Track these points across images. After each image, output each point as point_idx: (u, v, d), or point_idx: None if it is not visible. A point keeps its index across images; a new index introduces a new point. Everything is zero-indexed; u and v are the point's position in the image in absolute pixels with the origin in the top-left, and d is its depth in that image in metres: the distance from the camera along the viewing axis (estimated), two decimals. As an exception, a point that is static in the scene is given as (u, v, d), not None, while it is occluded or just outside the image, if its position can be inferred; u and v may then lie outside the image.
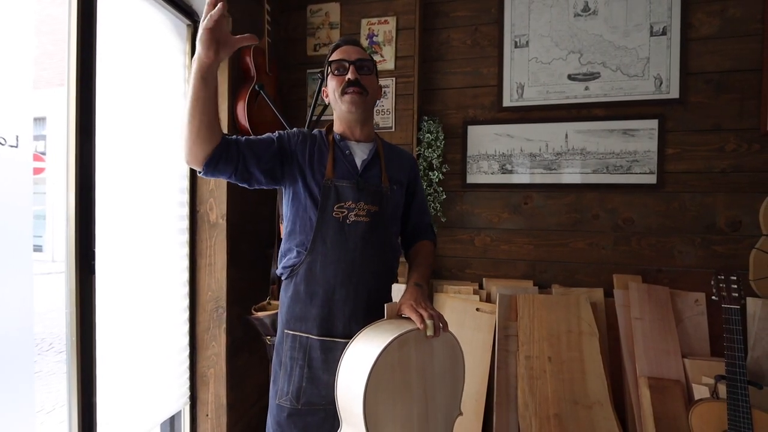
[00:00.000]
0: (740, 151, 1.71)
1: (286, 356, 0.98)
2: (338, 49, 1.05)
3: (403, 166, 1.14)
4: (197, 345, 1.67)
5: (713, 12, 1.74)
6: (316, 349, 0.97)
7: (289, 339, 0.99)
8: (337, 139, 1.06)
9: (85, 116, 1.18)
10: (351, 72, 1.00)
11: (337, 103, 1.03)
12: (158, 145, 1.50)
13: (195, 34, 1.66)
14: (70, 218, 1.15)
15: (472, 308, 1.82)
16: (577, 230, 1.89)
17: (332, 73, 1.03)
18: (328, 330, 0.97)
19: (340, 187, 1.00)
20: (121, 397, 1.32)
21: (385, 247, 1.04)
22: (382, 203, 1.03)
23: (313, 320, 0.98)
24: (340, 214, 0.98)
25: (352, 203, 0.99)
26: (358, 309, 0.99)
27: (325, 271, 0.98)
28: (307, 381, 0.96)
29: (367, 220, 1.00)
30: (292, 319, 1.00)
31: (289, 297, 1.01)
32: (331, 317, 0.98)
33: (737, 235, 1.71)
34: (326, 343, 0.97)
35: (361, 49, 1.06)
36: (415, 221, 1.19)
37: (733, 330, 1.31)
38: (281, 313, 1.04)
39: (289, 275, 1.02)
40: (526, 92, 1.93)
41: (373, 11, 2.02)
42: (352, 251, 0.98)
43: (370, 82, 1.04)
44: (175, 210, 1.59)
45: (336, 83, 1.02)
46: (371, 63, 1.05)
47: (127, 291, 1.36)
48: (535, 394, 1.62)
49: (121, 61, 1.35)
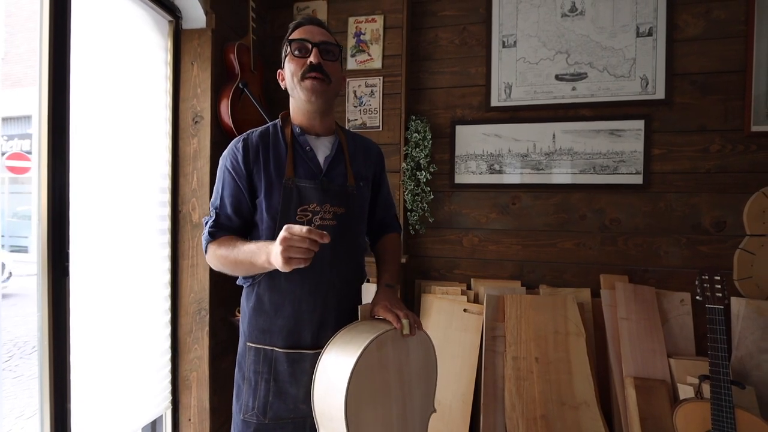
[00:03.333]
0: (725, 151, 1.72)
1: (250, 370, 0.92)
2: (300, 28, 0.93)
3: (369, 159, 1.05)
4: (179, 348, 1.64)
5: (698, 13, 1.74)
6: (282, 362, 0.90)
7: (252, 352, 0.92)
8: (296, 132, 0.95)
9: (58, 114, 1.14)
10: (314, 55, 0.89)
11: (296, 89, 0.92)
12: (138, 143, 1.47)
13: (177, 30, 1.63)
14: (43, 218, 1.11)
15: (460, 309, 1.80)
16: (564, 230, 1.89)
17: (291, 53, 0.91)
18: (294, 342, 0.91)
19: (302, 188, 0.90)
20: (99, 403, 1.28)
21: (353, 251, 0.98)
22: (348, 204, 0.95)
23: (278, 332, 0.91)
24: (303, 218, 0.89)
25: (316, 206, 0.90)
26: (328, 318, 0.93)
27: (290, 281, 0.90)
28: (273, 395, 0.90)
29: (334, 224, 0.92)
30: (255, 331, 0.92)
31: (252, 308, 0.93)
32: (298, 328, 0.91)
33: (722, 235, 1.72)
34: (292, 355, 0.90)
35: (327, 31, 0.95)
36: (381, 216, 1.12)
37: (717, 330, 1.31)
38: (243, 324, 0.96)
39: (250, 284, 0.94)
40: (513, 92, 1.93)
41: (360, 9, 2.00)
42: (319, 258, 0.87)
43: (334, 69, 0.93)
44: (156, 210, 1.55)
45: (295, 66, 0.90)
46: (337, 48, 0.94)
47: (106, 293, 1.33)
48: (522, 395, 1.61)
49: (99, 58, 1.31)
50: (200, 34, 1.64)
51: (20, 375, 3.22)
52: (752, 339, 1.54)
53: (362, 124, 1.99)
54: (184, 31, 1.64)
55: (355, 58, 2.00)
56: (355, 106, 1.99)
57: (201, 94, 1.64)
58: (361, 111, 1.99)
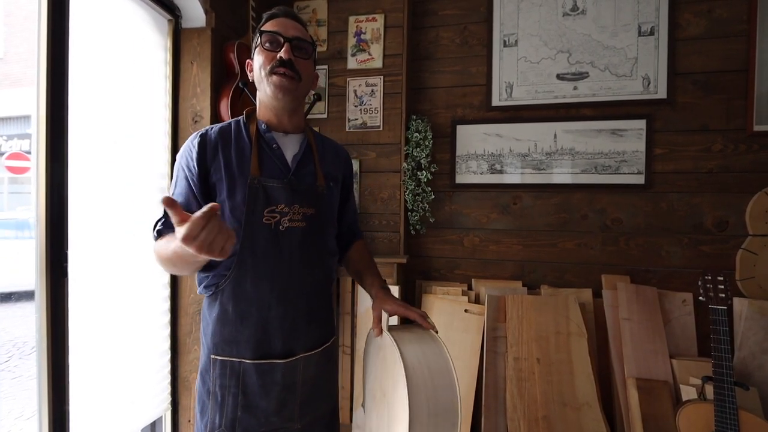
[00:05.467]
0: (727, 151, 1.71)
1: (215, 384, 0.84)
2: (274, 20, 0.88)
3: (338, 161, 1.01)
4: (179, 349, 1.63)
5: (700, 12, 1.74)
6: (251, 374, 0.83)
7: (218, 365, 0.84)
8: (262, 129, 0.89)
9: (57, 115, 1.13)
10: (285, 50, 0.83)
11: (263, 82, 0.86)
12: (138, 143, 1.46)
13: (176, 29, 1.62)
14: (41, 219, 1.10)
15: (461, 309, 1.80)
16: (565, 230, 1.88)
17: (261, 45, 0.85)
18: (264, 352, 0.84)
19: (269, 188, 0.84)
20: (98, 404, 1.27)
21: (323, 254, 0.92)
22: (318, 205, 0.90)
23: (245, 342, 0.84)
24: (271, 220, 0.83)
25: (284, 207, 0.84)
26: (298, 324, 0.87)
27: (257, 288, 0.83)
28: (242, 410, 0.84)
29: (303, 225, 0.87)
30: (220, 343, 0.85)
31: (215, 318, 0.85)
32: (267, 337, 0.84)
33: (724, 235, 1.71)
34: (263, 366, 0.84)
35: (302, 26, 0.90)
36: (348, 221, 1.08)
37: (720, 331, 1.30)
38: (205, 336, 0.88)
39: (213, 293, 0.86)
40: (515, 92, 1.92)
41: (361, 8, 1.99)
42: (288, 262, 0.84)
43: (306, 67, 0.88)
44: (155, 210, 1.54)
45: (264, 59, 0.85)
46: (311, 46, 0.89)
47: (105, 294, 1.32)
48: (524, 395, 1.60)
49: (98, 58, 1.30)
50: (200, 33, 1.63)
51: (19, 375, 3.20)
52: (755, 339, 1.53)
53: (363, 124, 1.98)
54: (183, 30, 1.63)
55: (356, 58, 1.99)
56: (356, 105, 1.98)
57: (200, 93, 1.63)
58: (362, 110, 1.98)
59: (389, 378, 0.81)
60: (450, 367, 0.80)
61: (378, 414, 0.86)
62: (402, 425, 0.73)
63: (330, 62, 2.02)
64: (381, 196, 1.97)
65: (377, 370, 0.87)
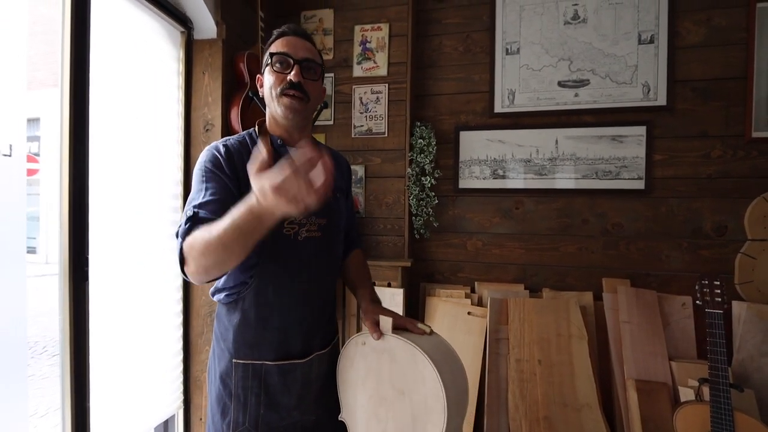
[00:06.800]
0: (726, 157, 1.74)
1: (238, 386, 0.88)
2: (283, 38, 0.90)
3: (341, 171, 1.06)
4: (191, 349, 1.68)
5: (700, 21, 1.77)
6: (273, 375, 0.89)
7: (240, 368, 0.88)
8: (277, 144, 0.92)
9: (78, 121, 1.19)
10: (295, 73, 0.86)
11: (273, 102, 0.89)
12: (152, 150, 1.52)
13: (189, 41, 1.68)
14: (64, 224, 1.16)
15: (464, 312, 1.84)
16: (567, 234, 1.91)
17: (272, 65, 0.88)
18: (285, 353, 0.90)
19: None
20: (114, 402, 1.33)
21: (335, 261, 0.99)
22: (330, 215, 0.95)
23: (267, 345, 0.89)
24: (291, 231, 0.88)
25: (302, 218, 0.88)
26: (314, 325, 0.94)
27: (278, 294, 0.88)
28: (265, 407, 0.89)
29: (319, 235, 0.92)
30: (242, 348, 0.88)
31: (236, 324, 0.88)
32: (287, 340, 0.90)
33: (723, 239, 1.74)
34: (284, 366, 0.89)
35: (311, 44, 0.92)
36: (349, 229, 1.12)
37: (717, 334, 1.34)
38: (225, 341, 0.90)
39: (234, 300, 0.89)
40: (517, 98, 1.96)
41: (366, 18, 2.04)
42: (307, 270, 0.89)
43: (314, 87, 0.90)
44: (168, 215, 1.60)
45: (275, 80, 0.87)
46: (319, 67, 0.91)
47: (121, 295, 1.37)
48: (526, 396, 1.64)
49: (115, 68, 1.36)
50: (211, 45, 1.68)
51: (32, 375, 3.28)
52: (753, 342, 1.56)
53: (368, 131, 2.03)
54: (195, 41, 1.69)
55: (361, 66, 2.04)
56: (361, 112, 2.03)
57: (212, 102, 1.69)
58: (367, 117, 2.03)
59: (407, 375, 0.85)
60: (456, 353, 0.89)
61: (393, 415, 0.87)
62: (438, 413, 0.79)
63: (336, 70, 2.07)
64: (386, 201, 2.01)
65: (382, 374, 0.89)
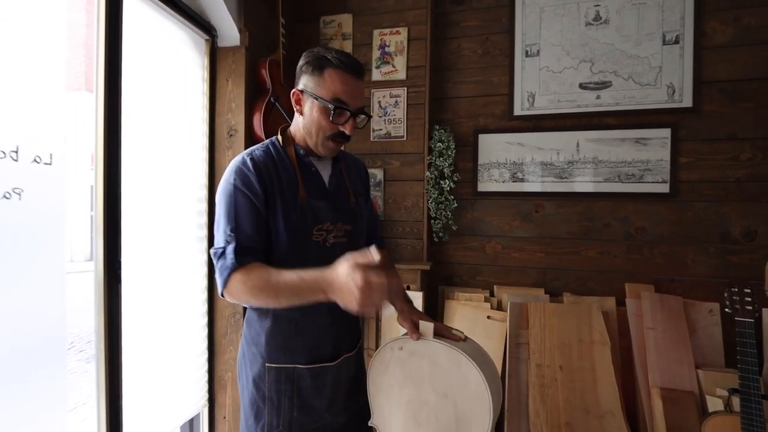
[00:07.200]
0: (756, 160, 1.69)
1: (271, 390, 0.91)
2: (342, 74, 0.87)
3: (360, 176, 1.09)
4: (215, 349, 1.73)
5: (727, 20, 1.72)
6: (305, 378, 0.92)
7: (273, 372, 0.91)
8: (301, 154, 0.95)
9: (111, 127, 1.23)
10: (349, 127, 0.90)
11: (315, 138, 0.91)
12: (178, 154, 1.56)
13: (213, 48, 1.72)
14: (99, 228, 1.21)
15: (483, 316, 1.83)
16: (588, 238, 1.89)
17: (326, 108, 0.88)
18: (317, 356, 0.93)
19: (316, 208, 0.91)
20: (144, 400, 1.37)
21: None
22: (354, 221, 0.98)
23: (300, 350, 0.92)
24: (320, 237, 0.91)
25: (330, 224, 0.92)
26: (344, 329, 0.98)
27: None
28: (298, 410, 0.92)
29: (345, 241, 0.95)
30: (275, 352, 0.92)
31: (268, 329, 0.92)
32: (319, 344, 0.94)
33: (753, 244, 1.69)
34: (316, 369, 0.92)
35: (362, 84, 0.92)
36: (370, 230, 1.13)
37: (747, 344, 1.30)
38: (256, 346, 0.94)
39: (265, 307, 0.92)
40: (537, 101, 1.95)
41: (385, 22, 2.06)
42: None
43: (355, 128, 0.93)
44: (194, 219, 1.64)
45: (326, 124, 0.89)
46: (367, 117, 0.95)
47: (150, 297, 1.42)
48: (546, 402, 1.63)
49: (143, 75, 1.40)
50: (234, 52, 1.72)
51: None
52: (785, 351, 1.51)
53: (387, 134, 2.04)
54: (219, 48, 1.73)
55: (380, 70, 2.05)
56: (380, 116, 2.05)
57: (235, 108, 1.73)
58: (386, 121, 2.04)
59: (450, 378, 0.87)
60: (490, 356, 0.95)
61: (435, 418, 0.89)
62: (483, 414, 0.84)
63: (355, 74, 2.09)
64: (405, 204, 2.02)
65: (423, 378, 0.90)
